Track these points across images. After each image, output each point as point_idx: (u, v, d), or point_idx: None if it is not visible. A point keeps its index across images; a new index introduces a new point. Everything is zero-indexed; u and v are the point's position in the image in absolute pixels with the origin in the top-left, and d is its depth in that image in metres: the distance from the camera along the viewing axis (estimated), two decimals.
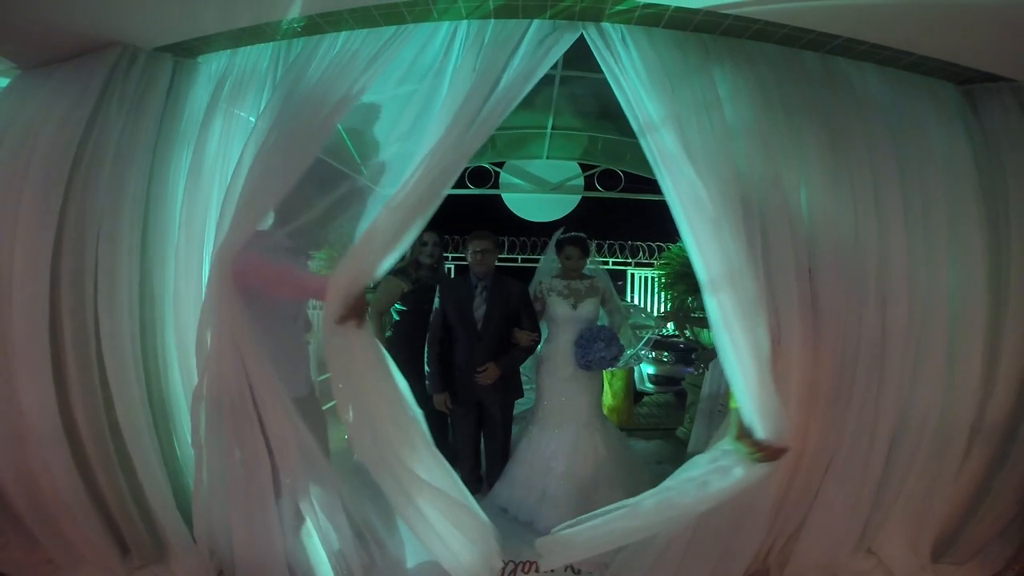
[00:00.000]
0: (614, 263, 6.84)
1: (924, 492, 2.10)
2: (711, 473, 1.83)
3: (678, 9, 1.88)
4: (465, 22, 2.00)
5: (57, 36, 1.94)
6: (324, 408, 3.80)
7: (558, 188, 4.97)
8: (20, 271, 1.85)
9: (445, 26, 2.01)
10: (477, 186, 5.02)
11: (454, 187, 5.10)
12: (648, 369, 5.19)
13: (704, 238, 1.79)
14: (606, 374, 4.31)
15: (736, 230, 1.79)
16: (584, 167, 4.96)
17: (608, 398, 4.37)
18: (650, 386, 5.12)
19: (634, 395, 4.76)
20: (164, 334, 2.10)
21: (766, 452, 1.73)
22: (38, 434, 1.89)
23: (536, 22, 1.97)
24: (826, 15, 1.86)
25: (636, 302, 7.08)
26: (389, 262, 1.91)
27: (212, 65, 2.22)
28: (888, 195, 2.02)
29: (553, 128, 4.21)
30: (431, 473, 1.92)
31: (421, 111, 2.01)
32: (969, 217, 2.02)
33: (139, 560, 2.06)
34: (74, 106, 1.86)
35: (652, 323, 5.41)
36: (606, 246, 6.84)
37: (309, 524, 1.93)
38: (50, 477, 1.92)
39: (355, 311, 1.80)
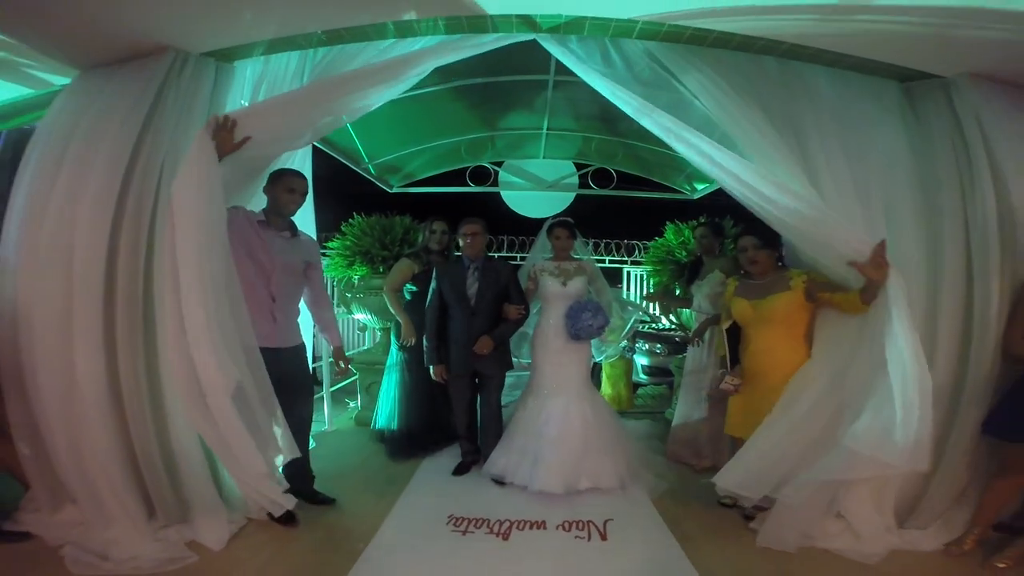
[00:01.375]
0: (610, 261, 7.12)
1: None
2: None
3: (646, 23, 2.22)
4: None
5: (115, 42, 2.24)
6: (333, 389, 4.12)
7: (554, 186, 5.30)
8: (81, 247, 2.10)
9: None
10: (478, 184, 5.37)
11: (456, 185, 5.48)
12: (642, 360, 5.49)
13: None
14: (607, 367, 4.63)
15: None
16: (578, 166, 5.30)
17: (608, 388, 4.68)
18: (644, 377, 5.40)
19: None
20: None
21: None
22: (87, 399, 2.10)
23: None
24: (772, 29, 2.19)
25: (631, 298, 7.38)
26: None
27: (247, 69, 2.55)
28: (836, 178, 2.32)
29: (548, 129, 4.55)
30: None
31: None
32: (904, 196, 2.32)
33: (164, 520, 2.25)
34: (135, 104, 2.16)
35: (642, 312, 5.68)
36: (603, 245, 7.12)
37: None
38: (92, 439, 2.13)
39: None
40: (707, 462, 3.16)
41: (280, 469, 2.64)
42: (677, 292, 4.04)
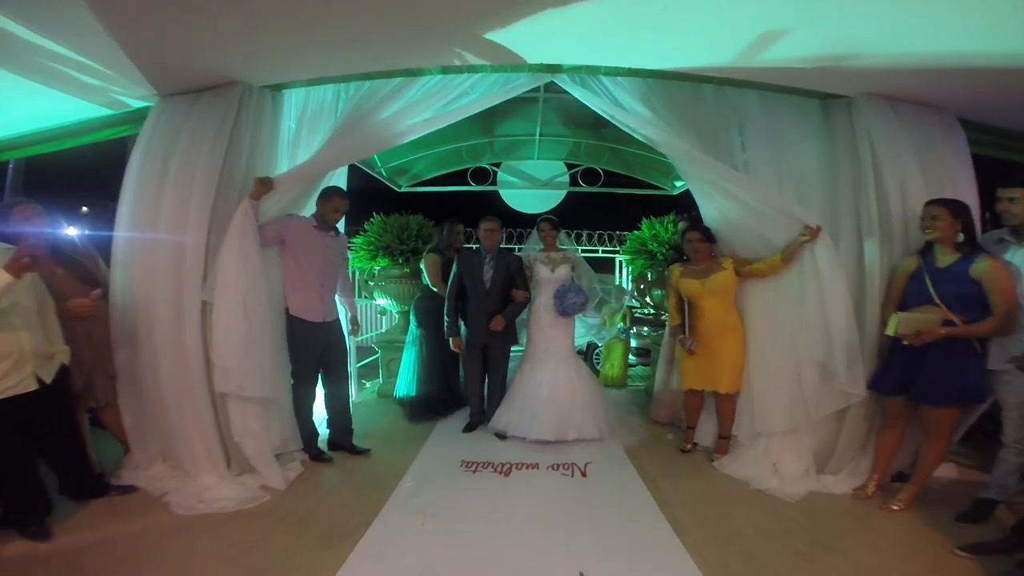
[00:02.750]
0: (603, 251, 7.64)
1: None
2: None
3: (593, 72, 2.91)
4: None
5: (196, 76, 2.80)
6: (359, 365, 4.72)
7: (547, 184, 5.87)
8: (189, 246, 2.65)
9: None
10: (478, 183, 5.93)
11: (458, 184, 6.02)
12: (632, 343, 6.09)
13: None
14: (605, 348, 5.24)
15: None
16: (569, 166, 5.85)
17: (605, 367, 5.29)
18: (632, 358, 6.01)
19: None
20: None
21: None
22: (193, 373, 2.63)
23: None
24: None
25: (622, 284, 7.93)
26: None
27: (292, 97, 3.14)
28: (760, 181, 2.96)
29: (541, 135, 5.12)
30: None
31: None
32: (813, 195, 2.95)
33: (237, 469, 2.80)
34: (220, 126, 2.72)
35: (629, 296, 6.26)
36: (596, 236, 7.65)
37: None
38: (195, 406, 2.67)
39: None
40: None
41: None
42: (650, 277, 4.65)
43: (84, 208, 3.56)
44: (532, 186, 5.87)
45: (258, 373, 2.71)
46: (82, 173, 5.69)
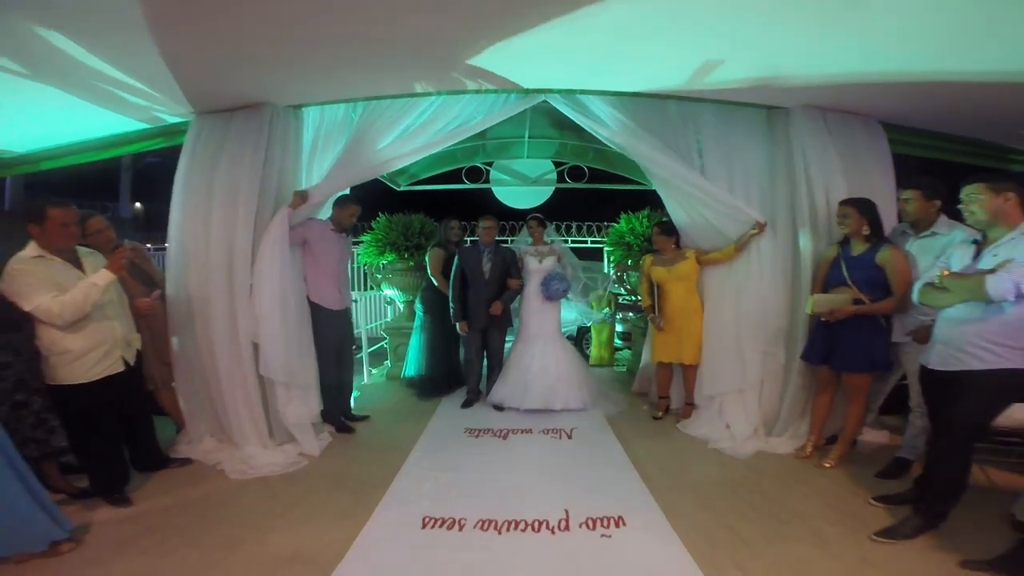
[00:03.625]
0: (592, 242, 8.11)
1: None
2: None
3: (571, 94, 3.41)
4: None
5: (231, 97, 3.21)
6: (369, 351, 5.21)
7: (536, 181, 6.33)
8: (238, 249, 3.09)
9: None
10: (472, 181, 6.38)
11: (454, 182, 6.48)
12: (618, 327, 6.63)
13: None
14: (594, 330, 5.76)
15: None
16: (556, 164, 6.31)
17: (594, 348, 5.82)
18: (619, 342, 6.54)
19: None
20: None
21: None
22: (244, 357, 3.11)
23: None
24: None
25: (608, 272, 8.42)
26: None
27: (309, 115, 3.57)
28: (715, 183, 3.48)
29: (530, 136, 5.57)
30: None
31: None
32: (758, 194, 3.49)
33: (278, 440, 3.28)
34: (256, 142, 3.15)
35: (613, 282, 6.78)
36: (585, 227, 8.13)
37: None
38: (246, 386, 3.14)
39: None
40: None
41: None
42: (629, 262, 5.19)
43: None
44: (522, 183, 6.33)
45: (293, 361, 3.22)
46: (73, 176, 6.11)
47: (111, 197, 16.98)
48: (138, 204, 18.02)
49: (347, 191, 3.73)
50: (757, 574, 2.07)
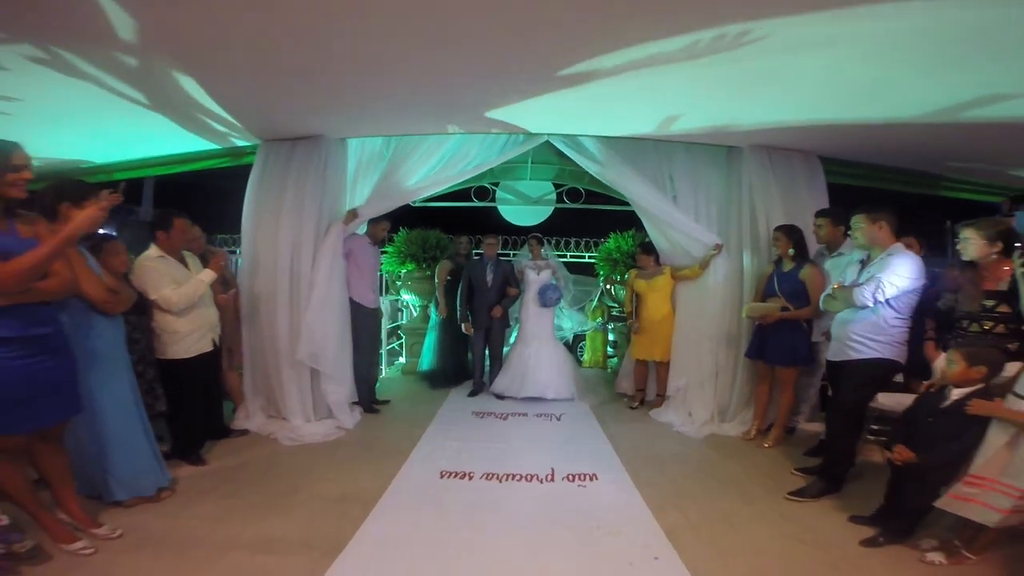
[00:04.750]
0: (589, 257, 8.82)
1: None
2: None
3: (567, 136, 4.18)
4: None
5: (293, 129, 3.93)
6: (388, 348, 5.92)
7: (537, 201, 7.07)
8: (304, 260, 3.85)
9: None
10: (480, 200, 7.12)
11: (463, 200, 7.24)
12: (610, 336, 7.37)
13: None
14: (589, 338, 6.49)
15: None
16: (556, 185, 7.05)
17: (588, 353, 6.55)
18: (611, 349, 7.26)
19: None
20: None
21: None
22: (290, 341, 3.88)
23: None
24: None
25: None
26: None
27: (353, 145, 4.31)
28: (684, 209, 4.23)
29: (532, 161, 6.33)
30: None
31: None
32: (717, 219, 4.24)
33: (319, 415, 3.98)
34: (315, 169, 3.89)
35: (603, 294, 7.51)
36: (583, 243, 8.85)
37: None
38: (296, 368, 3.85)
39: None
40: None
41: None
42: (617, 277, 5.92)
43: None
44: (525, 203, 7.07)
45: (334, 350, 3.97)
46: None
47: (135, 201, 17.83)
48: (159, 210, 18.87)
49: None
50: (692, 516, 2.72)
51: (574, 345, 6.94)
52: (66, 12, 2.20)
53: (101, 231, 2.84)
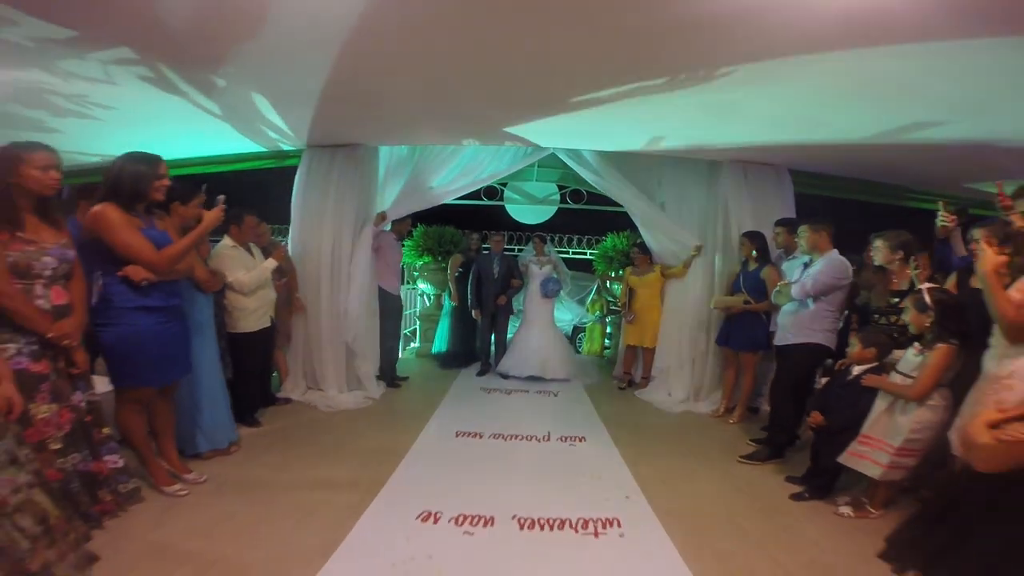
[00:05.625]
0: (590, 253, 9.37)
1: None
2: None
3: (570, 150, 4.75)
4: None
5: (334, 138, 4.52)
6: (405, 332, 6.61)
7: (542, 201, 7.68)
8: (345, 252, 4.54)
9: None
10: (489, 199, 7.72)
11: (474, 199, 7.89)
12: (608, 329, 8.02)
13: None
14: (588, 328, 7.15)
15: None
16: (560, 187, 7.63)
17: (586, 343, 7.20)
18: (608, 341, 7.90)
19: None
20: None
21: None
22: (338, 323, 4.52)
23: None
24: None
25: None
26: None
27: (383, 152, 4.96)
28: (670, 214, 4.86)
29: (538, 164, 6.90)
30: None
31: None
32: (698, 224, 4.86)
33: (351, 387, 4.65)
34: (355, 173, 4.51)
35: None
36: (585, 240, 9.46)
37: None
38: (334, 346, 4.49)
39: None
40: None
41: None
42: (613, 274, 6.56)
43: None
44: (531, 202, 7.68)
45: (365, 335, 4.65)
46: None
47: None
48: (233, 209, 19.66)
49: None
50: (660, 469, 3.36)
51: (573, 336, 7.61)
52: (198, 42, 2.61)
53: None
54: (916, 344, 2.58)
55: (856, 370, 2.79)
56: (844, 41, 2.28)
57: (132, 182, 2.42)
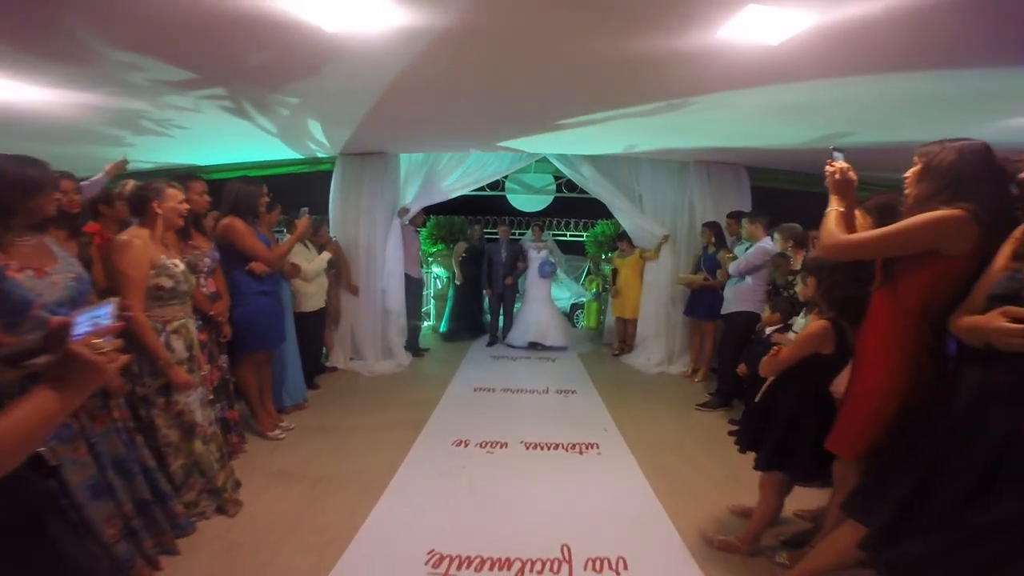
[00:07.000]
0: (586, 236, 10.21)
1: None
2: None
3: (562, 155, 5.66)
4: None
5: (362, 147, 5.36)
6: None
7: (540, 191, 8.55)
8: (378, 245, 5.47)
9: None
10: (492, 189, 8.58)
11: (478, 190, 8.78)
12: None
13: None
14: (586, 307, 8.12)
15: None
16: (556, 177, 8.44)
17: (585, 317, 8.20)
18: (602, 318, 8.89)
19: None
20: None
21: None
22: (378, 304, 5.51)
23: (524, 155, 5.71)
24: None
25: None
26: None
27: (401, 158, 5.84)
28: (646, 208, 5.79)
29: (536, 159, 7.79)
30: None
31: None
32: (672, 214, 5.77)
33: (385, 356, 5.65)
34: (382, 178, 5.41)
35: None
36: (581, 224, 10.32)
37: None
38: (374, 322, 5.49)
39: None
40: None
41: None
42: (603, 256, 7.52)
43: None
44: (530, 192, 8.55)
45: (397, 312, 5.63)
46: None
47: None
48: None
49: None
50: (632, 412, 4.33)
51: (572, 313, 8.60)
52: (280, 82, 3.12)
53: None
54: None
55: (768, 331, 3.76)
56: (765, 79, 3.03)
57: (248, 200, 3.31)
